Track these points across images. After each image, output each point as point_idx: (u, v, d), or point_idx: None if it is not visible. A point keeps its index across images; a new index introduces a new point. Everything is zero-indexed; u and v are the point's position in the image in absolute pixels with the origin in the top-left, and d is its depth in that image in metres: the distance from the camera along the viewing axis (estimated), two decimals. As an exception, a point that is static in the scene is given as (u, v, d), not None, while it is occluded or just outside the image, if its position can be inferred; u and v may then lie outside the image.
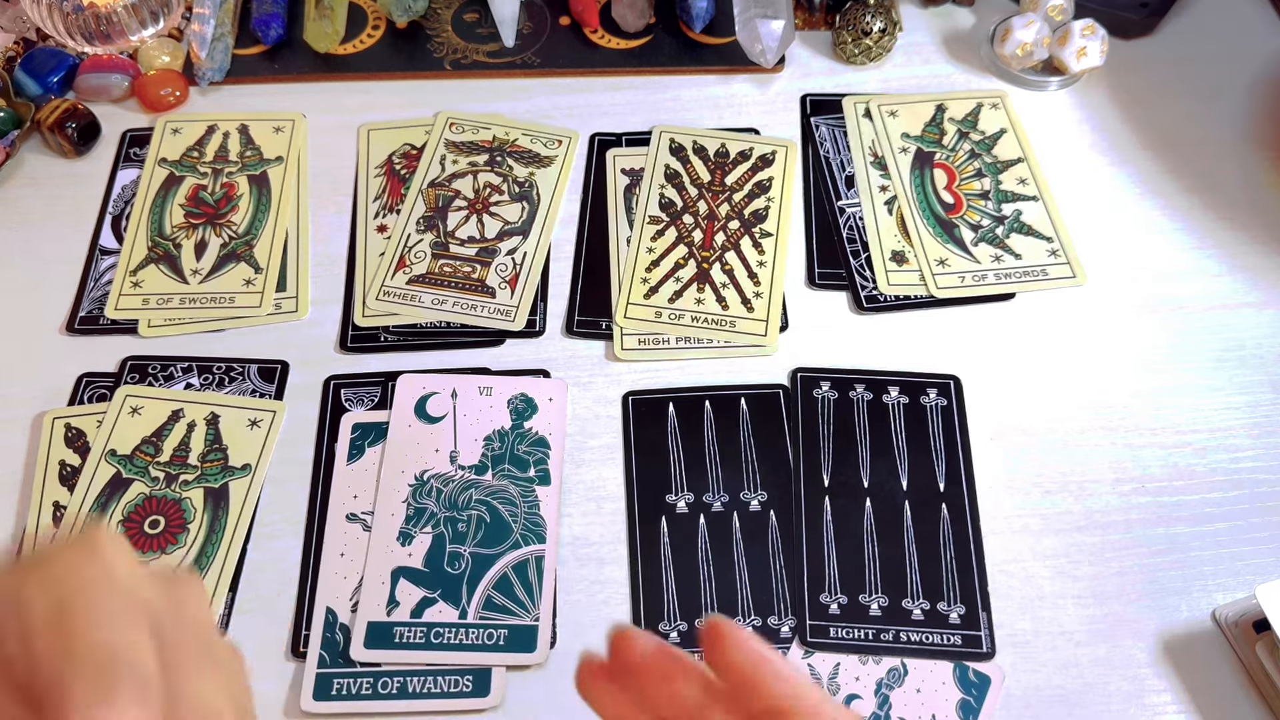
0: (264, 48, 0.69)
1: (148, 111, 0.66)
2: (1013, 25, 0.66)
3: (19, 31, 0.69)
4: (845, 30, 0.67)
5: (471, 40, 0.69)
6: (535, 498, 0.52)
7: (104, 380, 0.55)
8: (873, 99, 0.66)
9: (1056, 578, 0.50)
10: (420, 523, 0.51)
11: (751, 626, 0.48)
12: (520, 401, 0.54)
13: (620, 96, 0.67)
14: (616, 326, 0.57)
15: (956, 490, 0.52)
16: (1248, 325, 0.58)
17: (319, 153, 0.64)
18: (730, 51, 0.68)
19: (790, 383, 0.55)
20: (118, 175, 0.63)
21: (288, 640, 0.48)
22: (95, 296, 0.58)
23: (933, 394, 0.55)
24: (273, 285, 0.59)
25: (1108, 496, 0.52)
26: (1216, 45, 0.69)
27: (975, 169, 0.63)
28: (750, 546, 0.51)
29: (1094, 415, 0.55)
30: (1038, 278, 0.59)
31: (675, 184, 0.62)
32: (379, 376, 0.55)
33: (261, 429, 0.54)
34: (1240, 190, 0.63)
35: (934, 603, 0.49)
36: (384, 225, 0.61)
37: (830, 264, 0.60)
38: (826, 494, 0.52)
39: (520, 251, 0.60)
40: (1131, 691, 0.47)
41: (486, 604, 0.49)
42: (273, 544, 0.51)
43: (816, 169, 0.63)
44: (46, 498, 0.51)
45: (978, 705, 0.47)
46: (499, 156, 0.64)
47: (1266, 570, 0.50)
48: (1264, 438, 0.54)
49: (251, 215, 0.61)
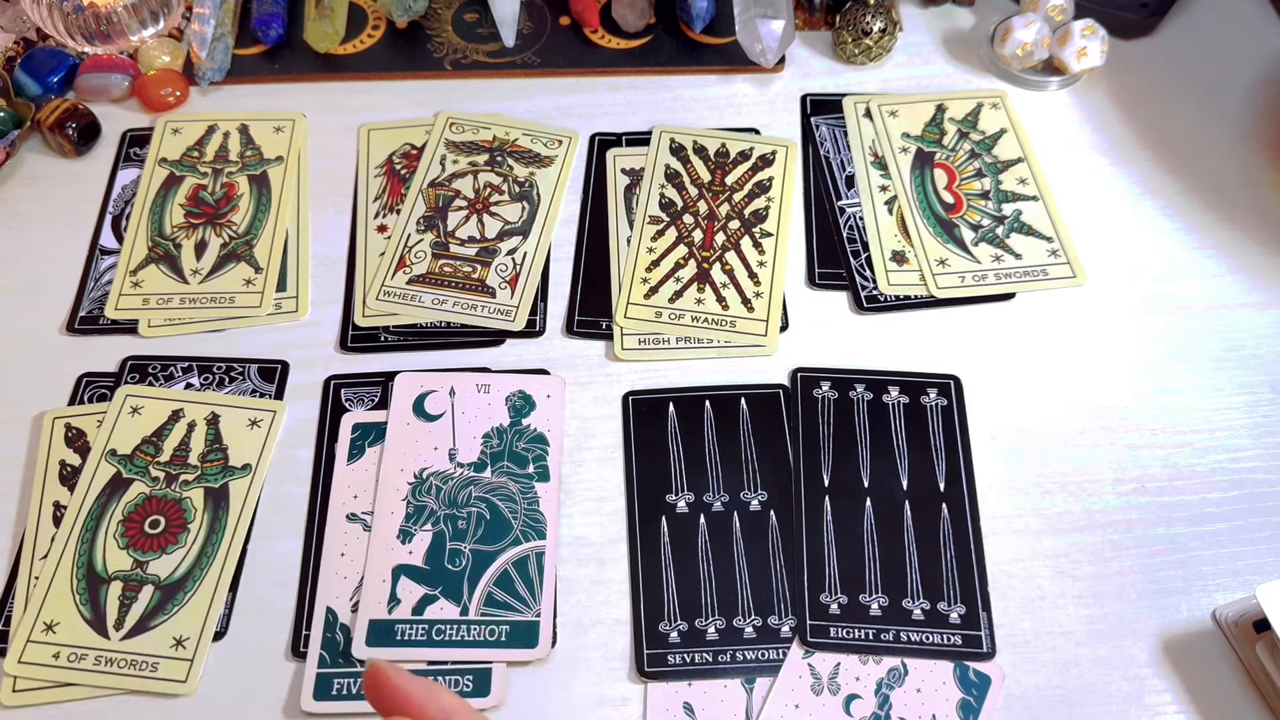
0: (264, 48, 0.69)
1: (148, 111, 0.66)
2: (1013, 25, 0.66)
3: (19, 31, 0.69)
4: (845, 30, 0.67)
5: (471, 40, 0.69)
6: (535, 494, 0.52)
7: (104, 380, 0.55)
8: (873, 99, 0.66)
9: (1056, 578, 0.50)
10: (420, 520, 0.51)
11: (751, 626, 0.48)
12: (518, 398, 0.54)
13: (620, 96, 0.67)
14: (616, 326, 0.57)
15: (956, 490, 0.52)
16: (1248, 325, 0.58)
17: (319, 153, 0.64)
18: (730, 51, 0.68)
19: (790, 383, 0.55)
20: (118, 175, 0.63)
21: (288, 640, 0.48)
22: (95, 296, 0.58)
23: (933, 394, 0.55)
24: (273, 285, 0.59)
25: (1108, 496, 0.52)
26: (1216, 45, 0.69)
27: (975, 169, 0.63)
28: (750, 546, 0.51)
29: (1094, 415, 0.55)
30: (1038, 278, 0.59)
31: (675, 184, 0.62)
32: (379, 376, 0.55)
33: (261, 429, 0.54)
34: (1240, 190, 0.63)
35: (934, 603, 0.49)
36: (384, 225, 0.61)
37: (830, 264, 0.60)
38: (826, 494, 0.52)
39: (520, 251, 0.60)
40: (1131, 691, 0.47)
41: (488, 600, 0.49)
42: (273, 544, 0.51)
43: (816, 169, 0.63)
44: (46, 497, 0.51)
45: (978, 705, 0.47)
46: (499, 156, 0.64)
47: (1266, 570, 0.50)
48: (1264, 438, 0.54)
49: (251, 215, 0.61)
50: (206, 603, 0.49)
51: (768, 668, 0.47)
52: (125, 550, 0.50)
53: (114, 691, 0.47)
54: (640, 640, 0.48)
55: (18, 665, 0.47)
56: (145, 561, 0.49)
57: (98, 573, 0.49)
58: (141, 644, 0.47)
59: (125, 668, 0.47)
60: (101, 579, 0.49)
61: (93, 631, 0.48)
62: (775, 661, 0.48)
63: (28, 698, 0.46)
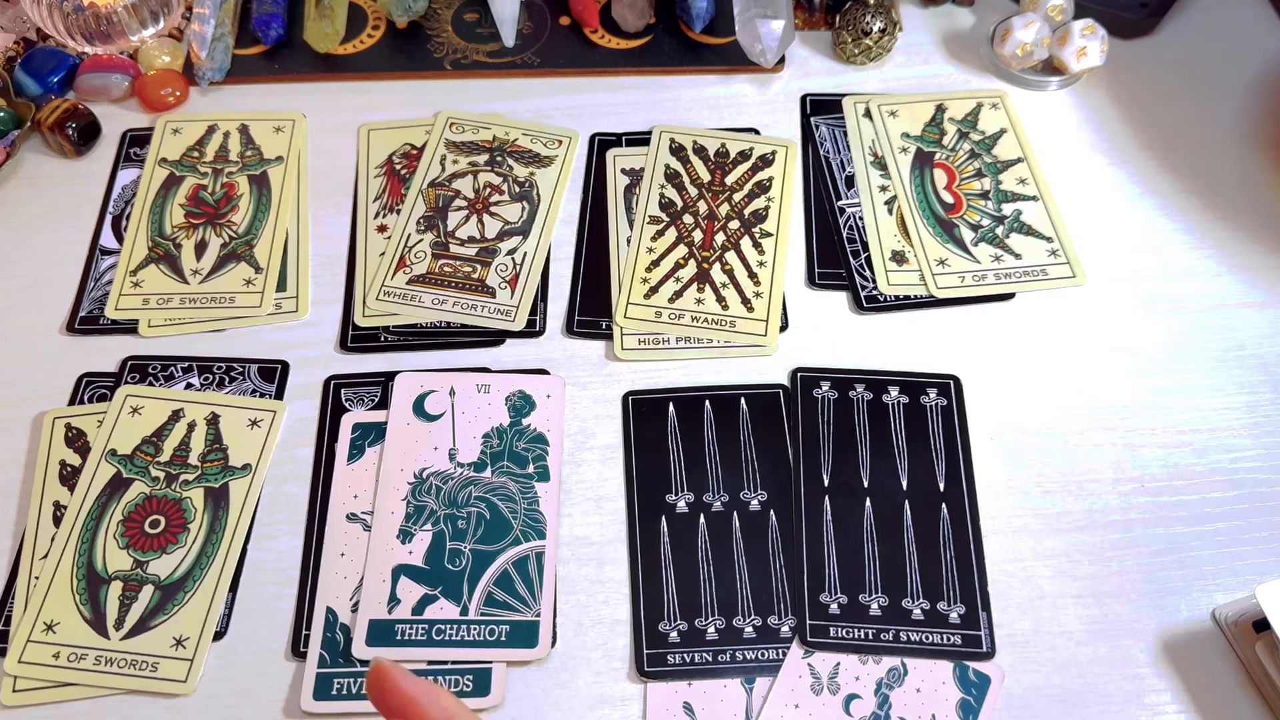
0: (264, 48, 0.69)
1: (148, 111, 0.66)
2: (1013, 25, 0.66)
3: (19, 31, 0.69)
4: (845, 30, 0.67)
5: (471, 40, 0.69)
6: (535, 494, 0.52)
7: (104, 380, 0.55)
8: (873, 99, 0.66)
9: (1056, 578, 0.50)
10: (420, 520, 0.51)
11: (751, 626, 0.48)
12: (518, 398, 0.54)
13: (620, 96, 0.67)
14: (616, 326, 0.57)
15: (956, 490, 0.52)
16: (1248, 325, 0.58)
17: (319, 153, 0.64)
18: (730, 51, 0.68)
19: (790, 383, 0.55)
20: (118, 175, 0.63)
21: (288, 640, 0.48)
22: (95, 296, 0.58)
23: (933, 394, 0.55)
24: (273, 285, 0.59)
25: (1108, 496, 0.52)
26: (1216, 45, 0.69)
27: (975, 169, 0.63)
28: (750, 546, 0.50)
29: (1094, 415, 0.55)
30: (1038, 278, 0.59)
31: (675, 184, 0.62)
32: (379, 376, 0.55)
33: (261, 429, 0.54)
34: (1240, 190, 0.63)
35: (934, 602, 0.49)
36: (384, 225, 0.61)
37: (830, 264, 0.60)
38: (826, 494, 0.52)
39: (520, 251, 0.60)
40: (1131, 691, 0.47)
41: (488, 600, 0.49)
42: (273, 544, 0.51)
43: (816, 169, 0.63)
44: (46, 498, 0.51)
45: (978, 705, 0.47)
46: (499, 156, 0.64)
47: (1266, 570, 0.50)
48: (1264, 438, 0.54)
49: (251, 215, 0.61)
50: (206, 603, 0.49)
51: (767, 668, 0.47)
52: (125, 550, 0.50)
53: (114, 691, 0.47)
54: (640, 640, 0.48)
55: (18, 665, 0.47)
56: (145, 561, 0.49)
57: (98, 573, 0.49)
58: (141, 644, 0.47)
59: (125, 668, 0.47)
60: (101, 579, 0.49)
61: (93, 631, 0.48)
62: (775, 661, 0.48)
63: (28, 698, 0.46)
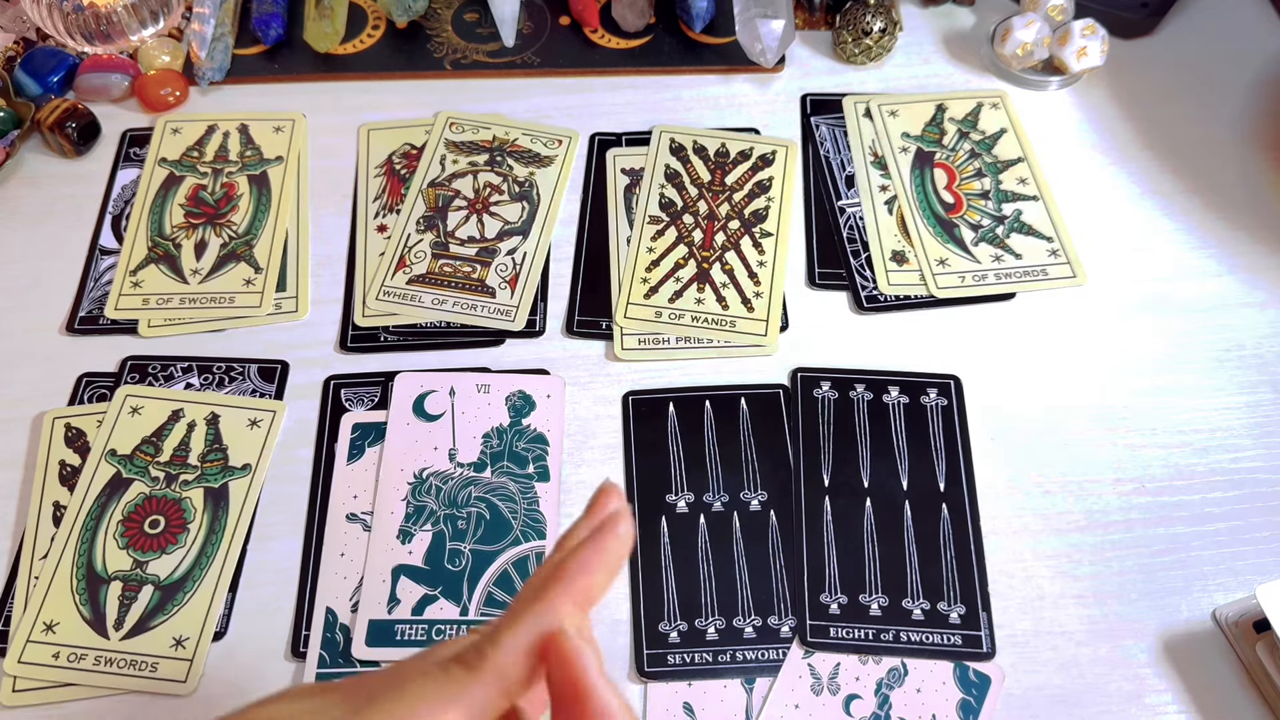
0: (264, 48, 0.69)
1: (148, 111, 0.66)
2: (1013, 25, 0.66)
3: (19, 31, 0.69)
4: (845, 30, 0.67)
5: (471, 40, 0.69)
6: (534, 494, 0.52)
7: (104, 380, 0.55)
8: (873, 99, 0.66)
9: (1056, 578, 0.50)
10: (420, 520, 0.51)
11: (751, 626, 0.48)
12: (518, 398, 0.54)
13: (620, 96, 0.67)
14: (616, 326, 0.57)
15: (956, 490, 0.52)
16: (1248, 325, 0.58)
17: (319, 153, 0.64)
18: (730, 51, 0.68)
19: (790, 383, 0.55)
20: (118, 175, 0.63)
21: (288, 640, 0.48)
22: (95, 296, 0.58)
23: (933, 394, 0.55)
24: (273, 285, 0.59)
25: (1108, 496, 0.52)
26: (1216, 45, 0.69)
27: (975, 169, 0.63)
28: (750, 546, 0.50)
29: (1094, 415, 0.55)
30: (1038, 278, 0.59)
31: (675, 184, 0.62)
32: (379, 376, 0.55)
33: (261, 429, 0.54)
34: (1240, 190, 0.63)
35: (934, 603, 0.49)
36: (384, 225, 0.61)
37: (830, 264, 0.60)
38: (826, 494, 0.52)
39: (520, 251, 0.60)
40: (1131, 691, 0.47)
41: (488, 600, 0.49)
42: (273, 544, 0.51)
43: (816, 169, 0.63)
44: (46, 498, 0.51)
45: (978, 705, 0.47)
46: (499, 156, 0.64)
47: (1266, 570, 0.50)
48: (1264, 438, 0.54)
49: (251, 215, 0.61)
50: (206, 603, 0.49)
51: (768, 668, 0.47)
52: (125, 550, 0.50)
53: (114, 691, 0.47)
54: (640, 640, 0.48)
55: (18, 665, 0.47)
56: (145, 561, 0.49)
57: (97, 573, 0.49)
58: (141, 644, 0.47)
59: (125, 668, 0.47)
60: (101, 579, 0.49)
61: (92, 631, 0.48)
62: (775, 661, 0.48)
63: (28, 698, 0.46)
